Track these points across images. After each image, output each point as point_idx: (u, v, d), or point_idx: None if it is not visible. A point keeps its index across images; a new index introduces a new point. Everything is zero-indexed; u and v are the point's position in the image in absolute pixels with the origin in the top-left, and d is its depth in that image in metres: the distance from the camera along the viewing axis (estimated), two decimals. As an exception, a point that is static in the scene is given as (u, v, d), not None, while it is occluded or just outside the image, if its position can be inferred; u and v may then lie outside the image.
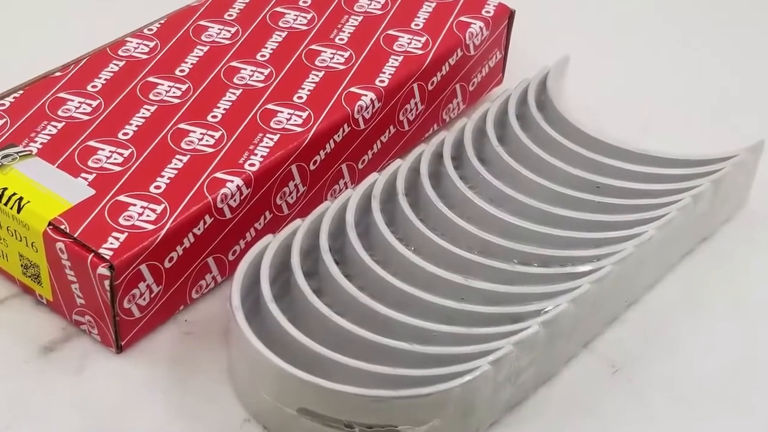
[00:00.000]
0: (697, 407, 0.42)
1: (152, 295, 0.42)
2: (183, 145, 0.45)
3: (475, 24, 0.53)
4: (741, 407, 0.42)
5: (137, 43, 0.51)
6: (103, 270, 0.40)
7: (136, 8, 0.57)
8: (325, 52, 0.51)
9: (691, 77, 0.61)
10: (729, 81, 0.60)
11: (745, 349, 0.45)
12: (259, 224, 0.46)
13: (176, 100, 0.48)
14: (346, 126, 0.48)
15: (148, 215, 0.42)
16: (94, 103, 0.47)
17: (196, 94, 0.48)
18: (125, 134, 0.46)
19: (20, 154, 0.44)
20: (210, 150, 0.45)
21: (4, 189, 0.43)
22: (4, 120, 0.46)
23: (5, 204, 0.42)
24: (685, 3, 0.67)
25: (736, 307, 0.47)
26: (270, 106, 0.48)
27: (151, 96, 0.48)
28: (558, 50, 0.54)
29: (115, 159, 0.44)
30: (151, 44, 0.51)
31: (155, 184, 0.43)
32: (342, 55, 0.51)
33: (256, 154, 0.45)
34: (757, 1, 0.67)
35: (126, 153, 0.45)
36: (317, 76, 0.50)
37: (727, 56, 0.63)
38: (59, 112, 0.47)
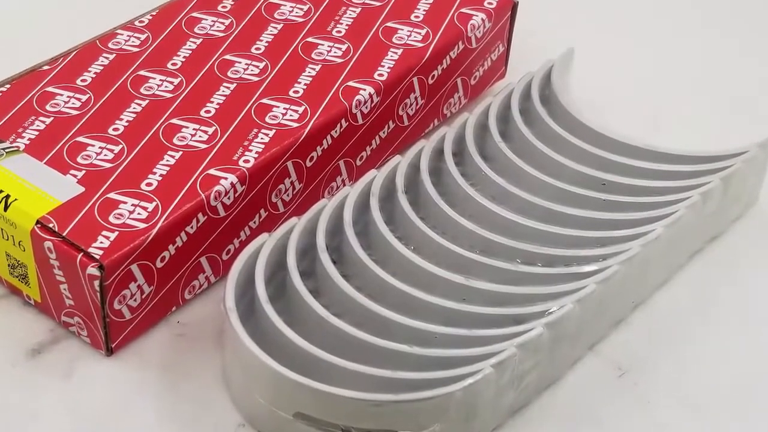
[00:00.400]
0: (704, 410, 0.42)
1: (143, 296, 0.42)
2: (175, 140, 0.45)
3: (476, 16, 0.53)
4: (750, 411, 0.42)
5: (128, 36, 0.51)
6: (92, 270, 0.40)
7: None
8: (322, 44, 0.51)
9: (699, 72, 0.61)
10: (739, 76, 0.60)
11: (754, 351, 0.44)
12: (254, 223, 0.46)
13: (168, 95, 0.47)
14: (343, 121, 0.48)
15: (139, 213, 0.42)
16: (84, 98, 0.47)
17: (188, 89, 0.48)
18: (116, 130, 0.45)
19: (7, 151, 0.44)
20: (203, 146, 0.45)
21: (-10, 186, 0.43)
22: (-9, 115, 0.46)
23: (-9, 202, 0.42)
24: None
25: (746, 309, 0.46)
26: (265, 100, 0.47)
27: (142, 90, 0.47)
28: (563, 43, 0.54)
29: (105, 155, 0.44)
30: (143, 37, 0.51)
31: (146, 181, 0.43)
32: (339, 48, 0.50)
33: (250, 150, 0.45)
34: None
35: (116, 149, 0.45)
36: (314, 69, 0.49)
37: (737, 51, 0.62)
38: (47, 107, 0.46)
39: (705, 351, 0.44)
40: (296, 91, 0.48)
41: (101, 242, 0.40)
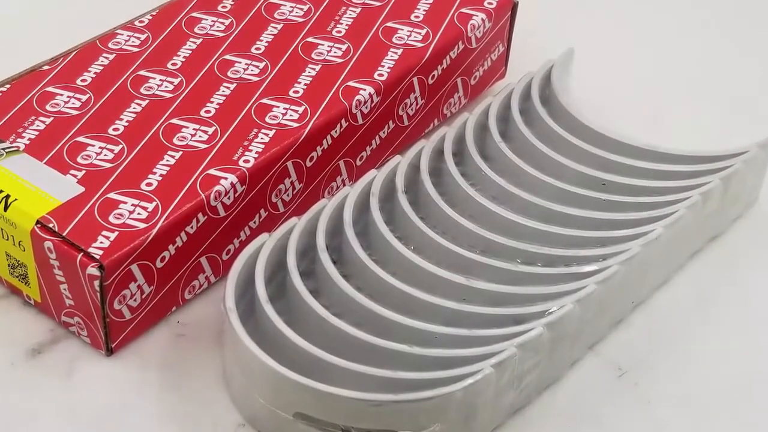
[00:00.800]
0: (704, 410, 0.42)
1: (143, 296, 0.42)
2: (175, 140, 0.45)
3: (477, 16, 0.53)
4: (750, 411, 0.42)
5: (128, 36, 0.51)
6: (92, 270, 0.40)
7: (127, -1, 0.56)
8: (322, 44, 0.50)
9: (699, 72, 0.60)
10: (739, 76, 0.60)
11: (754, 351, 0.44)
12: (254, 223, 0.46)
13: (168, 95, 0.47)
14: (343, 121, 0.47)
15: (139, 213, 0.42)
16: (84, 98, 0.47)
17: (188, 89, 0.48)
18: (116, 130, 0.45)
19: (7, 150, 0.44)
20: (203, 146, 0.45)
21: (-10, 186, 0.42)
22: (-9, 115, 0.46)
23: (-9, 202, 0.42)
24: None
25: (746, 309, 0.46)
26: (265, 100, 0.47)
27: (142, 90, 0.47)
28: (563, 43, 0.54)
29: (105, 155, 0.44)
30: (143, 36, 0.50)
31: (146, 181, 0.43)
32: (339, 48, 0.50)
33: (250, 150, 0.45)
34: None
35: (116, 149, 0.44)
36: (314, 69, 0.49)
37: (737, 51, 0.62)
38: (47, 107, 0.46)
39: (705, 351, 0.44)
40: (296, 91, 0.48)
41: (101, 242, 0.40)
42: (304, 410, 0.38)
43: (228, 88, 0.48)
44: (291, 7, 0.53)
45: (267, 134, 0.45)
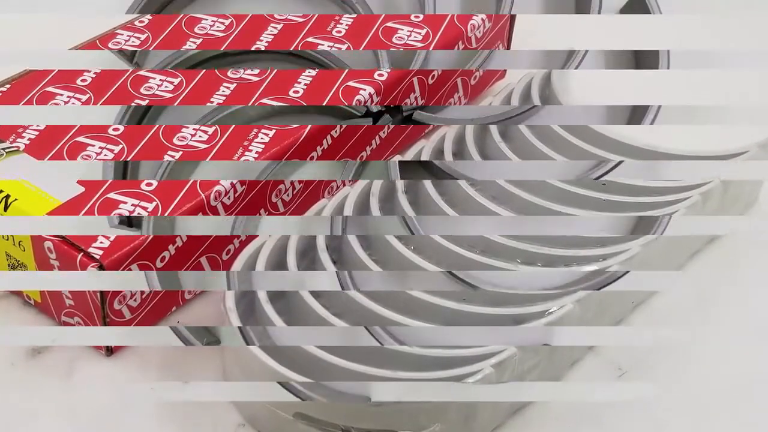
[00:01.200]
0: (704, 410, 0.42)
1: (143, 296, 0.42)
2: (175, 140, 0.45)
3: (477, 16, 0.53)
4: (750, 411, 0.42)
5: (128, 35, 0.51)
6: (92, 270, 0.39)
7: (127, -1, 0.56)
8: (322, 45, 0.50)
9: (699, 71, 0.60)
10: (740, 74, 0.59)
11: (754, 351, 0.44)
12: (254, 222, 0.45)
13: (168, 95, 0.47)
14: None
15: (139, 213, 0.42)
16: (84, 98, 0.47)
17: (188, 89, 0.47)
18: (115, 129, 0.45)
19: (7, 151, 0.44)
20: (203, 146, 0.45)
21: (-10, 186, 0.42)
22: (-9, 115, 0.46)
23: (-9, 202, 0.42)
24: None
25: (747, 308, 0.46)
26: (265, 100, 0.47)
27: (142, 90, 0.47)
28: (563, 43, 0.53)
29: (105, 155, 0.44)
30: (143, 36, 0.50)
31: (147, 181, 0.43)
32: (340, 48, 0.50)
33: (250, 150, 0.44)
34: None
35: (116, 149, 0.44)
36: (314, 69, 0.49)
37: (737, 50, 0.62)
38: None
39: (705, 351, 0.44)
40: (296, 92, 0.48)
41: (101, 242, 0.40)
42: (304, 410, 0.38)
43: (228, 87, 0.48)
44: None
45: (267, 134, 0.45)
